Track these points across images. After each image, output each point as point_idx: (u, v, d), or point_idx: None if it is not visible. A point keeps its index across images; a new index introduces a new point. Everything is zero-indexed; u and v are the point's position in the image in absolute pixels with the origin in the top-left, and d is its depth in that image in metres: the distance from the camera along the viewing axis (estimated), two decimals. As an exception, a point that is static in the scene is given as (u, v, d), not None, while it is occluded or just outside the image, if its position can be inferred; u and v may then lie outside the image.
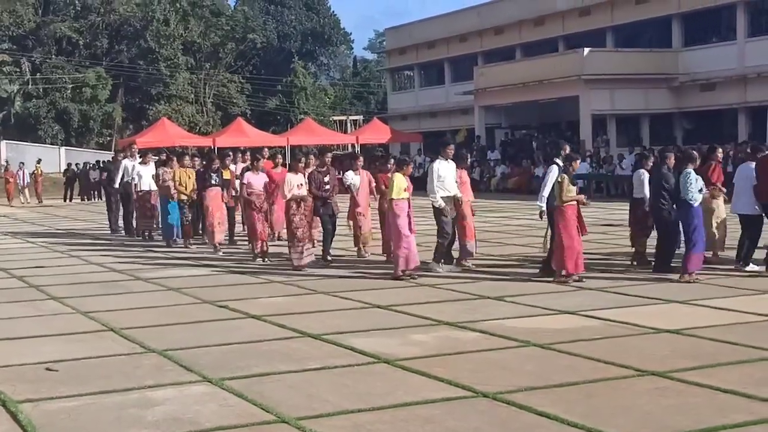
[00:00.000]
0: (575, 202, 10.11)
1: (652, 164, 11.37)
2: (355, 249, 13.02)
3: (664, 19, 32.91)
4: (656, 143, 30.58)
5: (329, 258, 12.27)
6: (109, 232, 18.32)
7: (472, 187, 12.63)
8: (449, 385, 5.80)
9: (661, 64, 32.34)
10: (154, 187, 16.30)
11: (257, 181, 12.99)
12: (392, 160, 13.24)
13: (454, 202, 11.21)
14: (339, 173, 14.45)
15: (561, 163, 10.52)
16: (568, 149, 10.96)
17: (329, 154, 13.21)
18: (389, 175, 12.39)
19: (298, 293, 9.94)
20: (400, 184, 10.68)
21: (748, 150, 12.14)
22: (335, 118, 52.85)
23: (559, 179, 10.14)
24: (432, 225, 11.78)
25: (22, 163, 34.91)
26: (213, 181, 14.33)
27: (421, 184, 12.73)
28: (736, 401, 5.31)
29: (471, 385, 5.73)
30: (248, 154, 17.86)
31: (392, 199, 10.64)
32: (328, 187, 12.33)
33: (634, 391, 5.61)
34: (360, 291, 9.83)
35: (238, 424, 5.10)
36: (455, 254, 11.60)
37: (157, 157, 17.61)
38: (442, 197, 11.05)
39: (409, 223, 10.60)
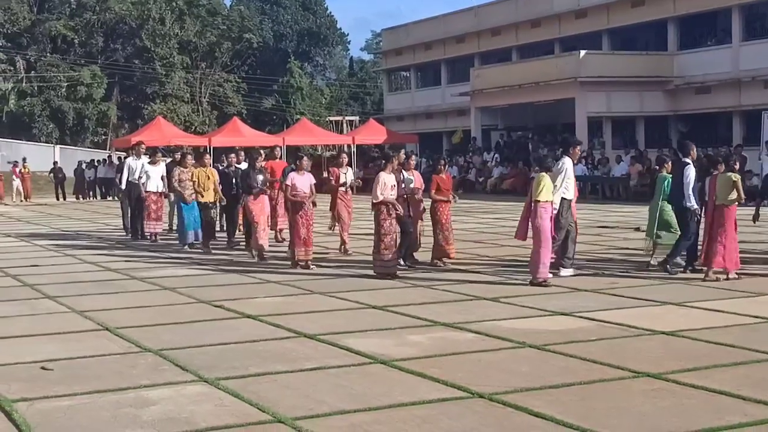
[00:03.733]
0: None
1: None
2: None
3: (659, 22, 33.00)
4: (651, 146, 30.67)
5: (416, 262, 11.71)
6: (125, 233, 17.15)
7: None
8: (445, 385, 5.80)
9: (656, 66, 32.42)
10: (161, 188, 15.84)
11: (303, 182, 11.90)
12: (442, 161, 12.37)
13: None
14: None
15: (690, 162, 10.74)
16: (695, 149, 11.17)
17: (403, 151, 12.46)
18: (443, 176, 12.05)
19: (294, 293, 9.93)
20: (549, 185, 10.14)
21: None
22: (331, 118, 52.78)
23: (734, 178, 10.31)
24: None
25: (16, 162, 34.82)
26: (257, 182, 13.11)
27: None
28: (731, 403, 5.33)
29: (467, 386, 5.74)
30: (242, 153, 17.29)
31: (538, 201, 10.00)
32: (404, 186, 11.69)
33: (630, 393, 5.63)
34: (356, 291, 9.83)
35: (233, 424, 5.10)
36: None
37: (166, 158, 17.03)
38: (564, 198, 10.70)
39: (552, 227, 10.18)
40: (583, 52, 31.78)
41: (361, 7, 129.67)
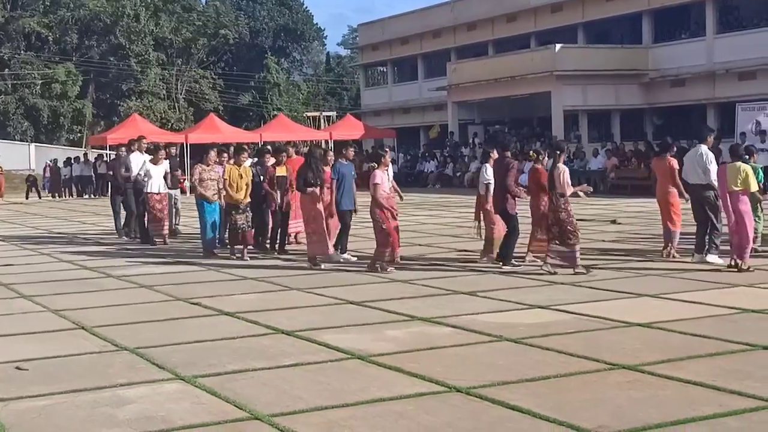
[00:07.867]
0: None
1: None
2: (479, 252, 11.62)
3: (634, 16, 33.21)
4: (627, 138, 30.86)
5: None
6: (117, 235, 16.21)
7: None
8: (422, 380, 5.82)
9: (631, 60, 32.63)
10: (164, 189, 14.86)
11: (386, 180, 11.30)
12: (541, 151, 11.68)
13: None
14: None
15: None
16: None
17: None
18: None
19: (271, 290, 9.91)
20: (752, 174, 10.27)
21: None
22: (308, 114, 52.73)
23: None
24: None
25: None
26: (319, 179, 11.88)
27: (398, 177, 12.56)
28: (705, 394, 5.38)
29: (444, 380, 5.75)
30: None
31: (739, 189, 10.20)
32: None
33: (606, 385, 5.67)
34: (333, 287, 9.83)
35: (210, 422, 5.09)
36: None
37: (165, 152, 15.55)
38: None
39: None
40: (558, 46, 31.91)
41: (337, 2, 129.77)
